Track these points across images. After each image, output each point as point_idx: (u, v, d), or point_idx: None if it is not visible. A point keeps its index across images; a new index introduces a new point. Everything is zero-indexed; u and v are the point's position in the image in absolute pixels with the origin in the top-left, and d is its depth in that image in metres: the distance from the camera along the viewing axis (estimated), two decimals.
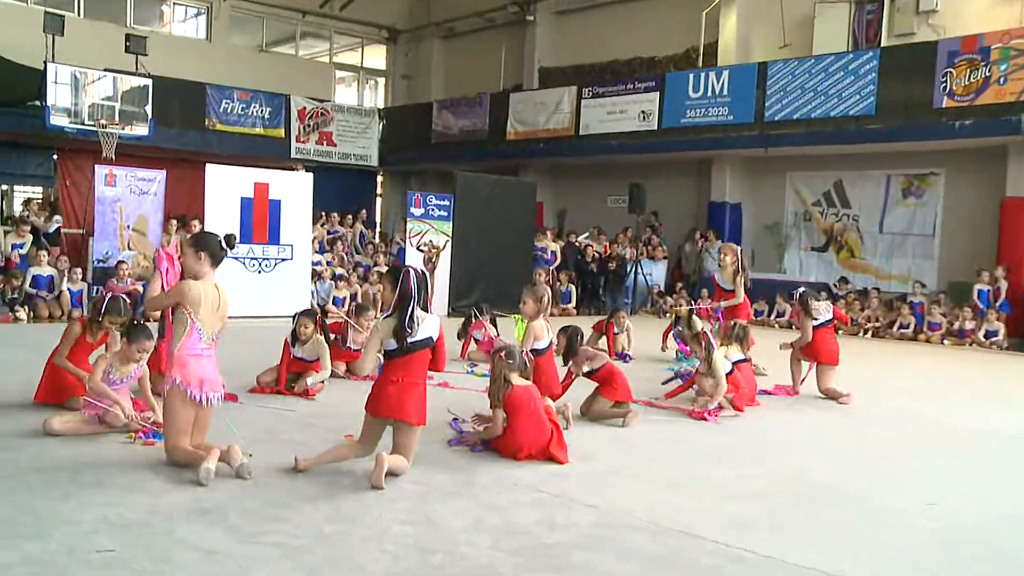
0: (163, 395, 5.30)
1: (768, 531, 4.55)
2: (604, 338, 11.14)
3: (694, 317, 8.98)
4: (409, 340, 5.14)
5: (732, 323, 8.87)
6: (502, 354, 5.93)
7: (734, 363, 7.86)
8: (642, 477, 5.50)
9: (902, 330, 15.04)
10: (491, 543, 4.18)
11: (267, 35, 24.70)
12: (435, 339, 5.29)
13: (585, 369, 7.20)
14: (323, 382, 7.86)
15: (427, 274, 5.49)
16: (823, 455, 6.38)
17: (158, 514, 4.35)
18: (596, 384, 7.23)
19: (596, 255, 18.12)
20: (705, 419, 7.30)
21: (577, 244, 18.59)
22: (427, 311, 5.29)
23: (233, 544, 4.01)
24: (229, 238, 5.34)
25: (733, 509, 4.88)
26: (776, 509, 4.93)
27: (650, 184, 18.08)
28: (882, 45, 16.54)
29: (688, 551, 4.22)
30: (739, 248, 10.24)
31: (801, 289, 9.10)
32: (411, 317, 5.12)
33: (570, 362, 7.23)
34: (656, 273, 18.22)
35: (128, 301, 6.85)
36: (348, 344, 8.65)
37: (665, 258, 18.81)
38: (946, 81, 14.74)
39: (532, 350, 6.57)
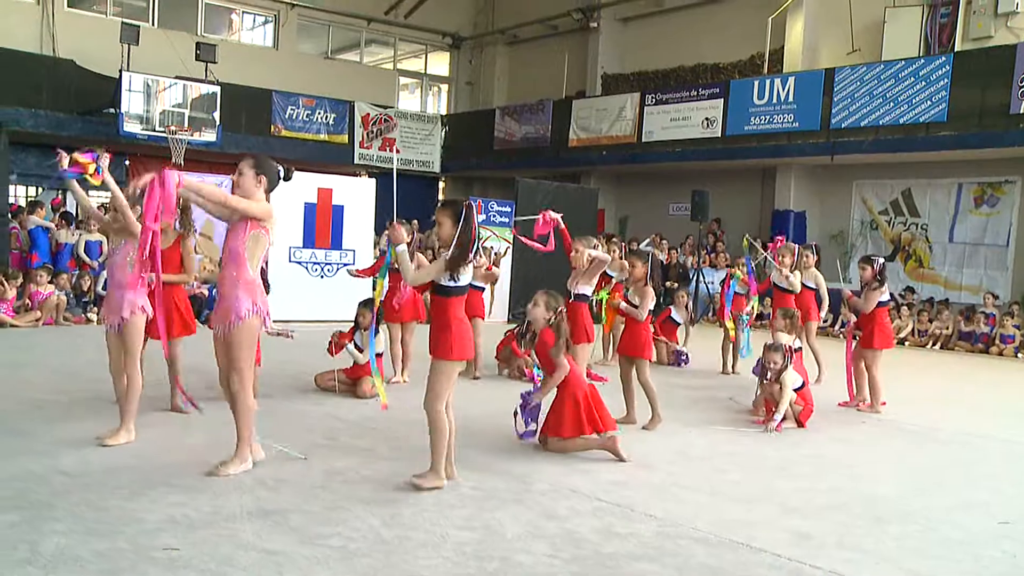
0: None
1: (833, 547, 4.47)
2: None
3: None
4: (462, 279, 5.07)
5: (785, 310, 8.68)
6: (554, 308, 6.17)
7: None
8: (703, 488, 5.44)
9: (975, 342, 14.70)
10: (548, 551, 4.17)
11: (332, 42, 25.03)
12: None
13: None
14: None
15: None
16: (888, 471, 6.25)
17: (222, 514, 4.43)
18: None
19: (658, 263, 18.02)
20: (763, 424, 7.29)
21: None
22: None
23: (294, 546, 4.06)
24: (288, 170, 5.39)
25: (796, 523, 4.81)
26: (841, 525, 4.84)
27: (713, 192, 17.90)
28: (956, 49, 16.17)
29: (749, 564, 4.17)
30: (797, 247, 10.03)
31: (881, 258, 8.80)
32: (476, 250, 5.07)
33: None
34: (718, 281, 18.03)
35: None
36: None
37: (728, 266, 18.60)
38: None
39: (577, 295, 6.99)
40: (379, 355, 8.04)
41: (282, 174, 5.31)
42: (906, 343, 15.14)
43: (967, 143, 15.08)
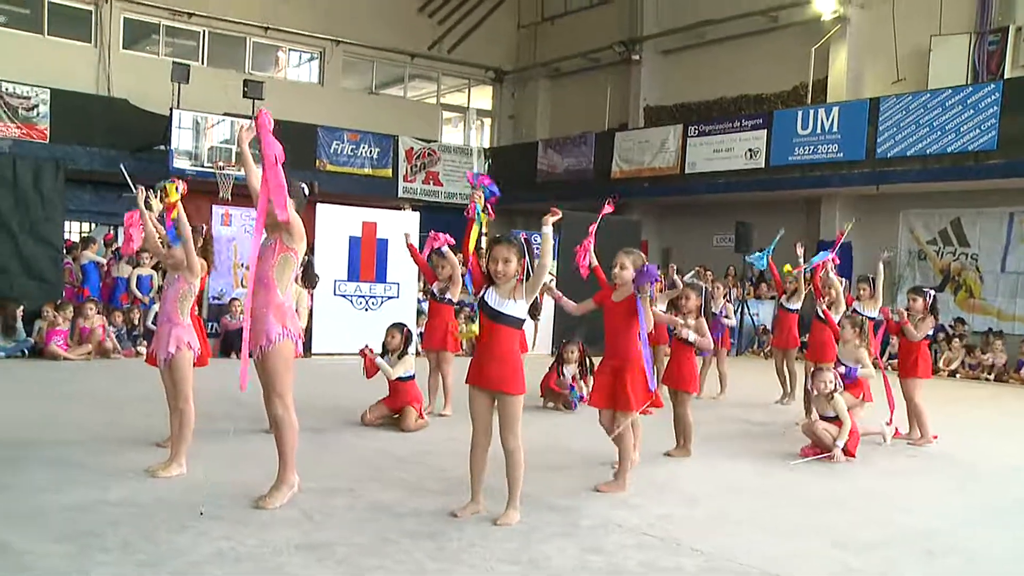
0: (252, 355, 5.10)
1: None
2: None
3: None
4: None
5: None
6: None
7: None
8: (749, 522, 5.37)
9: None
10: None
11: (377, 78, 25.38)
12: None
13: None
14: (425, 417, 8.08)
15: None
16: (939, 505, 6.13)
17: (268, 547, 4.45)
18: None
19: (710, 296, 17.90)
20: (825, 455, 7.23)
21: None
22: None
23: None
24: (311, 185, 5.44)
25: (844, 557, 4.73)
26: (890, 560, 4.75)
27: (757, 222, 17.81)
28: (1005, 77, 15.98)
29: None
30: (843, 280, 9.97)
31: (932, 291, 8.74)
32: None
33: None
34: (763, 313, 17.89)
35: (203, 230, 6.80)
36: None
37: (772, 297, 18.46)
38: None
39: None
40: (411, 378, 8.08)
41: (306, 191, 5.38)
42: (957, 375, 14.87)
43: (1018, 171, 14.80)
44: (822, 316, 9.39)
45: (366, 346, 8.16)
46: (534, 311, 5.08)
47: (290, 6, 22.88)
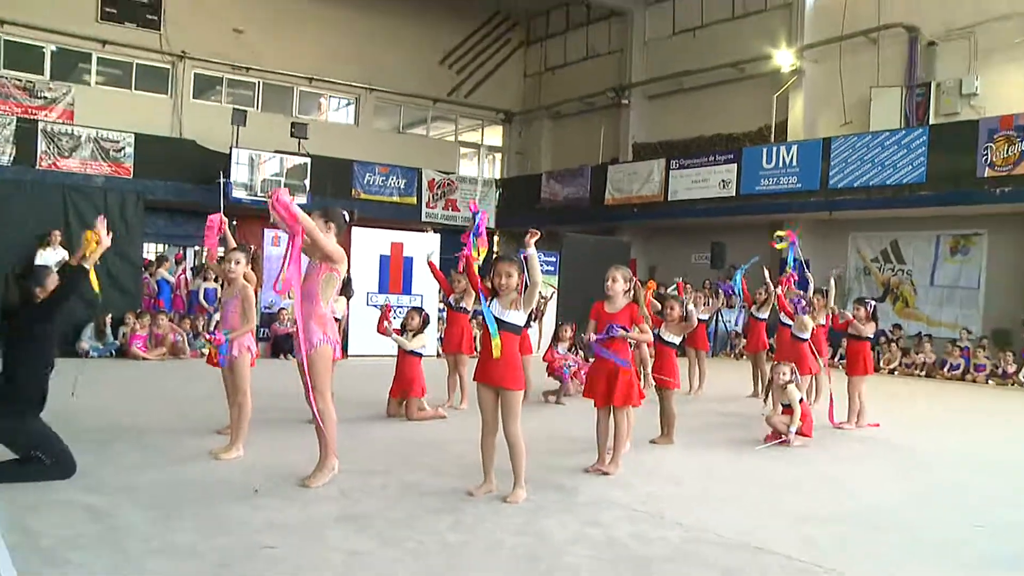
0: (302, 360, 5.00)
1: (837, 551, 4.38)
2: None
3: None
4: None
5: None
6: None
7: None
8: (725, 501, 5.37)
9: (952, 371, 14.44)
10: (591, 554, 4.15)
11: (404, 119, 25.43)
12: None
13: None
14: (443, 411, 8.08)
15: None
16: (884, 486, 6.11)
17: (313, 519, 4.47)
18: None
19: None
20: (782, 440, 7.19)
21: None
22: None
23: (374, 548, 4.08)
24: (351, 213, 5.44)
25: (805, 531, 4.72)
26: (844, 533, 4.74)
27: (729, 242, 17.83)
28: (930, 123, 16.08)
29: (764, 565, 4.10)
30: (806, 293, 10.03)
31: (872, 300, 8.90)
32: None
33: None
34: (734, 320, 17.87)
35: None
36: None
37: (742, 307, 18.41)
38: (987, 154, 14.25)
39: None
40: (419, 355, 8.02)
41: (347, 218, 5.38)
42: (895, 372, 14.87)
43: (943, 201, 14.97)
44: (786, 322, 9.46)
45: (388, 305, 8.09)
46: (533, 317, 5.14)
47: (331, 60, 22.96)
